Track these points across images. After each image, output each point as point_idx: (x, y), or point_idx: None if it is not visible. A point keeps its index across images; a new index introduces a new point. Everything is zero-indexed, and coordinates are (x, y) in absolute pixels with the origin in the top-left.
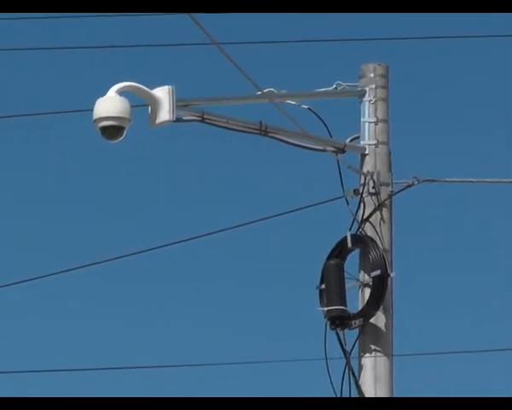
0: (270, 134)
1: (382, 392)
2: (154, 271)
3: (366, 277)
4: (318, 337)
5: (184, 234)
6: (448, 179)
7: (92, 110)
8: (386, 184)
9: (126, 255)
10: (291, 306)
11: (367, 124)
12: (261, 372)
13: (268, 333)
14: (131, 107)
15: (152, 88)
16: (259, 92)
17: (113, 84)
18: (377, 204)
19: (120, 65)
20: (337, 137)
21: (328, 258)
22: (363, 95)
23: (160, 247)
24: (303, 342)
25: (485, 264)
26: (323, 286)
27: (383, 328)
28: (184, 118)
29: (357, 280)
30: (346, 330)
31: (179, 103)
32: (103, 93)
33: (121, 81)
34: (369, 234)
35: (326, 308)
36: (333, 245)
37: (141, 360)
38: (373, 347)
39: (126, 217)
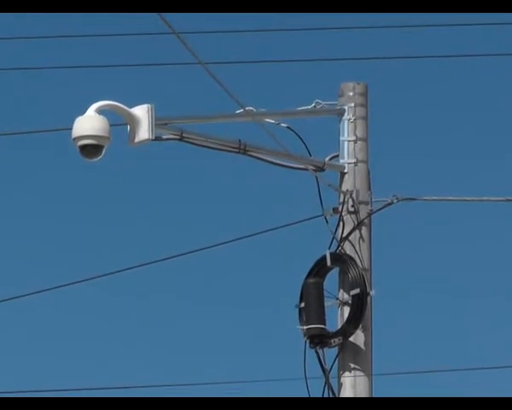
0: (249, 152)
1: None
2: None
3: (345, 295)
4: (298, 356)
5: (163, 253)
6: (427, 198)
7: (71, 129)
8: (366, 203)
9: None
10: (270, 324)
11: (346, 142)
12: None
13: (247, 352)
14: (111, 125)
15: (131, 107)
16: (239, 111)
17: (93, 102)
18: (356, 222)
19: (99, 84)
20: (316, 155)
21: (308, 276)
22: (343, 113)
23: (139, 266)
24: (282, 361)
25: (464, 283)
26: (303, 305)
27: (362, 346)
28: (163, 136)
29: (337, 299)
30: (325, 349)
31: (158, 122)
32: (82, 112)
33: (100, 100)
34: (348, 252)
35: (305, 327)
36: (312, 264)
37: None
38: (352, 365)
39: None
